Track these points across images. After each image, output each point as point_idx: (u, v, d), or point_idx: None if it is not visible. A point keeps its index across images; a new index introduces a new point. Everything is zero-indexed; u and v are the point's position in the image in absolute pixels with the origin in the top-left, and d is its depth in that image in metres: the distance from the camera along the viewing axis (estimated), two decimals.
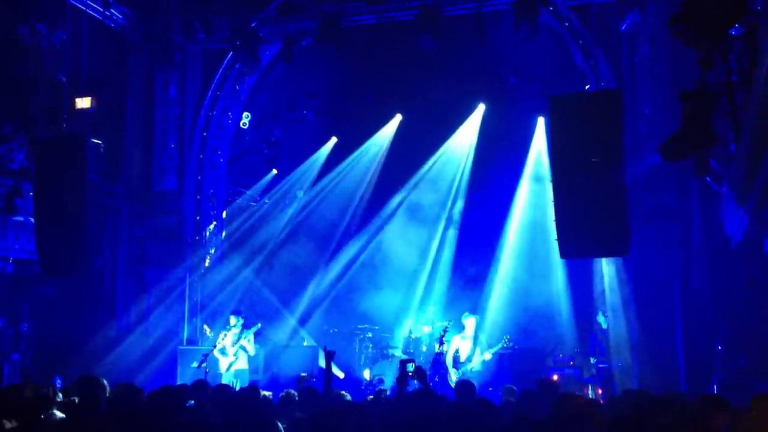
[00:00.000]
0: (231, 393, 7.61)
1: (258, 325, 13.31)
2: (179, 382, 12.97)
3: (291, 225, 18.14)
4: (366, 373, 15.32)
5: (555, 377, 13.20)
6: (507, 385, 8.98)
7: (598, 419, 5.21)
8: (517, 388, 8.63)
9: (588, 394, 13.09)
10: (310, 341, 16.26)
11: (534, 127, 16.07)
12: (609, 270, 13.03)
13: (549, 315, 15.54)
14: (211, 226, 16.06)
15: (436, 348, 13.40)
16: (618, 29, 12.55)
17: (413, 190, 17.78)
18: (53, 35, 14.38)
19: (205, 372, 11.90)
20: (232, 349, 12.85)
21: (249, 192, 18.04)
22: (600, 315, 13.44)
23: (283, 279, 17.47)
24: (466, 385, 7.35)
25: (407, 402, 6.16)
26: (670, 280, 12.48)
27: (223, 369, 12.77)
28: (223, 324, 13.94)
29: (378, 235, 17.81)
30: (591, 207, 9.97)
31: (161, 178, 15.61)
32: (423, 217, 17.64)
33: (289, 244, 17.77)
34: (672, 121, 9.42)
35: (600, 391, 12.90)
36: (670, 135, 8.51)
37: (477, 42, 13.14)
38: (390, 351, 15.59)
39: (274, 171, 18.29)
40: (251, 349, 13.04)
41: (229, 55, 15.27)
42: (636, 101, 12.84)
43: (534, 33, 12.71)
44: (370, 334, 15.85)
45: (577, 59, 13.55)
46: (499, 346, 13.27)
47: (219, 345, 12.88)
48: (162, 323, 14.94)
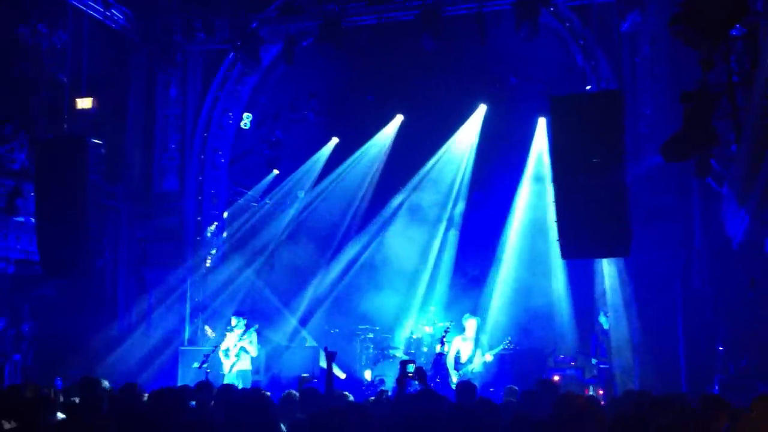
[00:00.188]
0: (233, 393, 7.60)
1: (255, 326, 13.30)
2: (180, 382, 12.96)
3: (292, 225, 18.14)
4: (367, 374, 15.32)
5: (556, 378, 13.20)
6: (509, 386, 8.97)
7: (598, 419, 5.21)
8: (519, 388, 8.63)
9: (589, 394, 13.08)
10: (311, 342, 16.26)
11: (535, 128, 16.06)
12: (610, 270, 13.02)
13: (550, 315, 15.53)
14: (212, 226, 16.05)
15: (437, 349, 13.41)
16: (619, 29, 12.55)
17: (414, 190, 17.78)
18: (54, 35, 14.38)
19: (206, 373, 11.90)
20: (233, 350, 12.85)
21: (250, 192, 18.03)
22: (602, 315, 13.42)
23: (284, 279, 17.47)
24: (467, 386, 7.35)
25: (408, 402, 6.15)
26: (671, 280, 12.46)
27: (226, 370, 12.77)
28: (225, 325, 13.94)
29: (379, 236, 17.81)
30: (592, 207, 9.97)
31: (162, 178, 15.61)
32: (424, 218, 17.64)
33: (290, 244, 17.77)
34: (673, 122, 9.41)
35: (601, 392, 12.88)
36: (671, 135, 8.50)
37: (478, 42, 13.12)
38: (391, 351, 15.59)
39: (275, 171, 18.29)
40: (252, 350, 13.01)
41: (230, 56, 15.26)
42: (637, 101, 12.82)
43: (535, 33, 12.69)
44: (371, 334, 15.84)
45: (578, 59, 13.54)
46: (500, 347, 13.27)
47: (223, 346, 12.89)
48: (163, 324, 14.95)
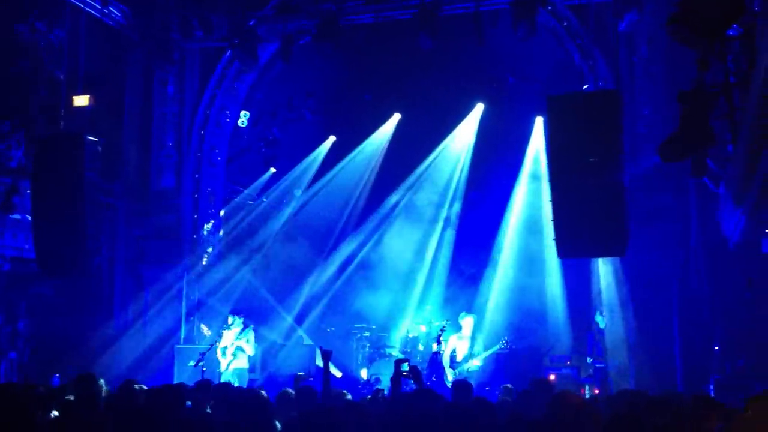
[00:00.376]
0: (230, 392, 7.60)
1: (251, 326, 13.29)
2: (176, 380, 12.95)
3: (289, 224, 18.14)
4: (363, 373, 15.32)
5: (552, 377, 13.21)
6: (505, 385, 8.97)
7: (593, 419, 5.20)
8: (515, 387, 8.64)
9: (585, 393, 13.09)
10: (307, 340, 16.26)
11: (532, 127, 16.08)
12: (606, 270, 13.03)
13: (546, 315, 15.55)
14: (209, 224, 16.04)
15: (433, 347, 13.41)
16: (616, 29, 12.54)
17: (411, 189, 17.78)
18: (52, 33, 14.35)
19: (202, 371, 11.90)
20: (231, 349, 12.85)
21: (247, 191, 18.03)
22: (598, 315, 13.44)
23: (281, 278, 17.46)
24: (463, 385, 7.34)
25: (404, 401, 6.15)
26: (667, 280, 12.47)
27: (223, 368, 12.76)
28: (221, 323, 13.93)
29: (375, 234, 17.81)
30: (589, 207, 9.96)
31: (159, 176, 15.59)
32: (420, 217, 17.64)
33: (287, 243, 17.76)
34: (670, 122, 9.43)
35: (597, 391, 12.89)
36: (668, 135, 8.50)
37: (475, 41, 13.10)
38: (387, 350, 15.59)
39: (272, 170, 18.29)
40: (249, 349, 13.01)
41: (227, 54, 15.24)
42: (634, 101, 12.83)
43: (532, 32, 12.68)
44: (367, 333, 15.84)
45: (576, 59, 13.55)
46: (494, 349, 13.27)
47: (221, 344, 12.89)
48: (159, 322, 14.93)
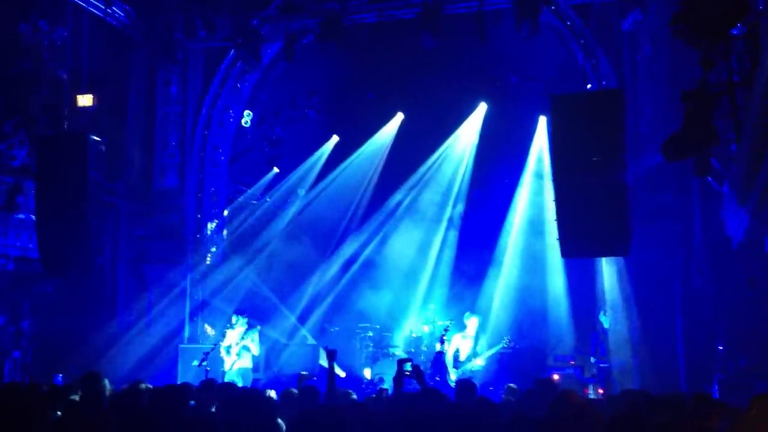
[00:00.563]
0: (234, 391, 7.60)
1: (258, 327, 13.30)
2: (180, 380, 12.97)
3: (292, 224, 18.14)
4: (367, 372, 15.32)
5: (556, 376, 13.21)
6: (509, 385, 8.96)
7: (595, 419, 5.20)
8: (518, 387, 8.63)
9: (589, 393, 13.09)
10: (311, 340, 16.27)
11: (535, 126, 16.07)
12: (610, 269, 13.02)
13: (549, 314, 15.53)
14: (212, 224, 16.05)
15: (436, 347, 13.40)
16: (619, 28, 12.52)
17: (414, 188, 17.77)
18: (55, 32, 14.35)
19: (206, 370, 11.91)
20: (235, 348, 12.86)
21: (250, 190, 18.03)
22: (602, 314, 13.43)
23: (284, 277, 17.46)
24: (467, 385, 7.35)
25: (407, 401, 6.15)
26: (670, 279, 12.46)
27: (227, 368, 12.77)
28: (225, 323, 13.94)
29: (379, 234, 17.80)
30: (592, 206, 9.96)
31: (162, 175, 15.62)
32: (424, 216, 17.63)
33: (290, 242, 17.75)
34: (673, 121, 9.39)
35: (601, 391, 12.89)
36: (671, 134, 8.49)
37: (478, 41, 13.10)
38: (391, 350, 15.59)
39: (275, 169, 18.29)
40: (254, 349, 13.04)
41: (231, 53, 15.27)
42: (637, 100, 12.82)
43: (535, 32, 12.67)
44: (370, 333, 15.83)
45: (579, 58, 13.54)
46: (497, 348, 13.26)
47: (225, 343, 12.89)
48: (163, 321, 14.95)
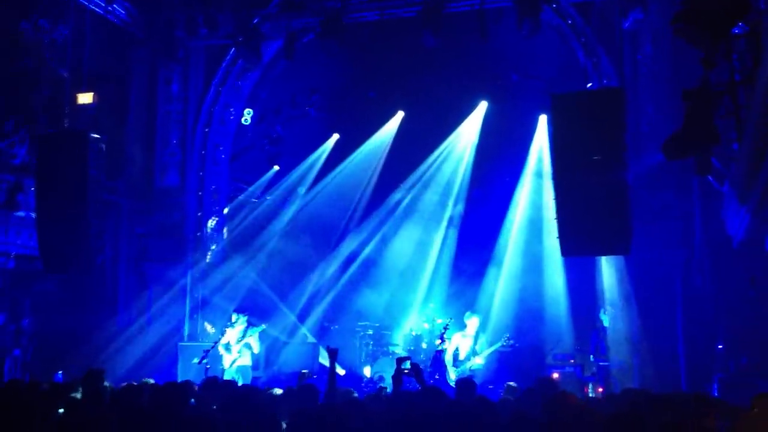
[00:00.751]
0: (235, 389, 7.60)
1: (263, 326, 13.30)
2: (180, 378, 12.97)
3: (292, 222, 18.13)
4: (366, 371, 15.33)
5: (555, 375, 13.20)
6: (509, 384, 8.95)
7: (591, 418, 5.20)
8: (518, 385, 8.62)
9: (588, 392, 13.08)
10: (311, 338, 16.27)
11: (536, 125, 16.04)
12: (610, 268, 13.02)
13: (549, 313, 15.51)
14: (212, 222, 16.05)
15: (436, 345, 13.40)
16: (620, 27, 12.53)
17: (414, 187, 17.76)
18: (56, 30, 14.35)
19: (206, 368, 11.91)
20: (236, 346, 12.84)
21: (251, 188, 18.03)
22: (603, 313, 13.43)
23: (284, 276, 17.45)
24: (467, 383, 7.35)
25: (406, 399, 6.15)
26: (671, 278, 12.46)
27: (227, 365, 12.77)
28: (225, 321, 13.94)
29: (379, 233, 17.80)
30: (592, 205, 9.96)
31: (163, 174, 15.62)
32: (424, 214, 17.62)
33: (290, 241, 17.75)
34: (674, 120, 9.40)
35: (601, 390, 12.88)
36: (672, 133, 8.49)
37: (479, 39, 13.09)
38: (390, 348, 15.59)
39: (275, 167, 18.28)
40: (256, 347, 13.04)
41: (232, 51, 15.25)
42: (638, 99, 12.82)
43: (536, 30, 12.67)
44: (370, 331, 15.83)
45: (580, 57, 13.52)
46: (497, 346, 13.25)
47: (224, 341, 12.88)
48: (163, 319, 14.96)
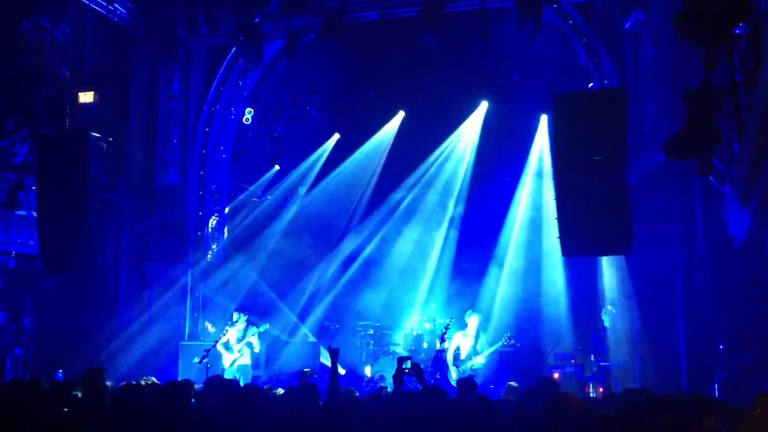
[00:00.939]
0: (237, 388, 7.60)
1: (266, 326, 13.29)
2: (181, 377, 12.98)
3: (293, 221, 18.13)
4: (367, 370, 15.33)
5: (556, 375, 13.20)
6: (510, 384, 8.95)
7: (590, 419, 5.20)
8: (518, 385, 8.63)
9: (589, 392, 13.08)
10: (311, 338, 16.27)
11: (537, 125, 16.05)
12: (611, 268, 13.02)
13: (550, 313, 15.51)
14: (213, 221, 16.05)
15: (437, 345, 13.39)
16: (622, 27, 12.53)
17: (415, 187, 17.76)
18: (57, 29, 14.35)
19: (207, 367, 11.91)
20: (237, 346, 12.84)
21: (251, 188, 18.03)
22: (604, 313, 13.42)
23: (284, 275, 17.45)
24: (468, 383, 7.36)
25: (407, 399, 6.16)
26: (672, 279, 12.47)
27: (227, 364, 12.77)
28: (225, 320, 13.94)
29: (379, 232, 17.80)
30: (594, 205, 9.96)
31: (164, 173, 15.61)
32: (425, 214, 17.62)
33: (291, 240, 17.74)
34: (675, 120, 9.40)
35: (601, 390, 12.88)
36: (673, 134, 8.49)
37: (480, 39, 13.08)
38: (391, 348, 15.60)
39: (276, 167, 18.28)
40: (257, 346, 13.04)
41: (233, 51, 15.25)
42: (639, 100, 12.83)
43: (537, 30, 12.66)
44: (371, 330, 15.83)
45: (581, 57, 13.52)
46: (497, 346, 13.25)
47: (222, 339, 12.88)
48: (164, 318, 14.96)
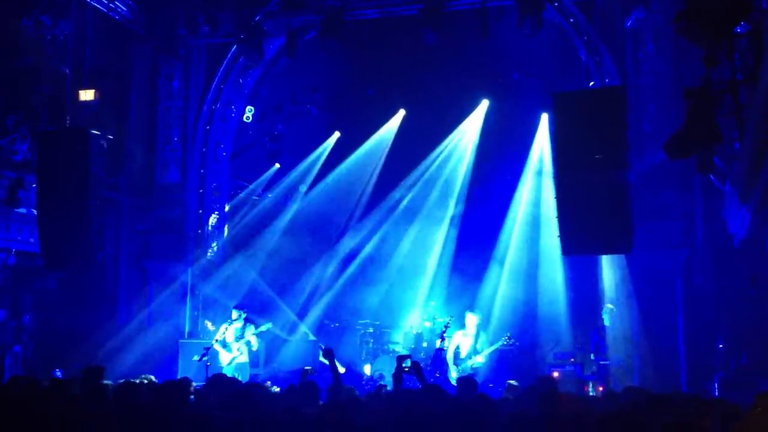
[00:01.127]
0: (237, 386, 7.59)
1: (269, 324, 13.28)
2: (180, 375, 12.97)
3: (293, 220, 18.13)
4: (367, 369, 15.32)
5: (555, 374, 13.20)
6: (510, 382, 8.96)
7: (589, 417, 5.20)
8: (518, 384, 8.63)
9: (588, 391, 13.08)
10: (311, 336, 16.26)
11: (537, 124, 16.03)
12: (611, 267, 13.02)
13: (550, 311, 15.50)
14: (213, 219, 16.05)
15: (436, 344, 13.39)
16: (622, 26, 12.52)
17: (415, 185, 17.75)
18: (57, 27, 14.35)
19: (206, 365, 11.90)
20: (236, 344, 12.82)
21: (251, 186, 18.03)
22: (605, 311, 13.42)
23: (284, 273, 17.45)
24: (468, 382, 7.37)
25: (406, 397, 6.16)
26: (672, 277, 12.47)
27: (225, 362, 12.76)
28: (225, 318, 13.94)
29: (379, 231, 17.79)
30: (594, 204, 9.96)
31: (164, 171, 15.61)
32: (425, 213, 17.61)
33: (291, 238, 17.74)
34: (676, 119, 9.40)
35: (601, 388, 12.88)
36: (673, 132, 8.49)
37: (480, 37, 13.07)
38: (391, 346, 15.59)
39: (276, 165, 18.27)
40: (255, 344, 13.03)
41: (233, 49, 15.24)
42: (640, 98, 12.81)
43: (538, 29, 12.65)
44: (371, 329, 15.81)
45: (581, 55, 13.50)
46: (497, 345, 13.24)
47: (219, 337, 12.85)
48: (163, 316, 14.97)
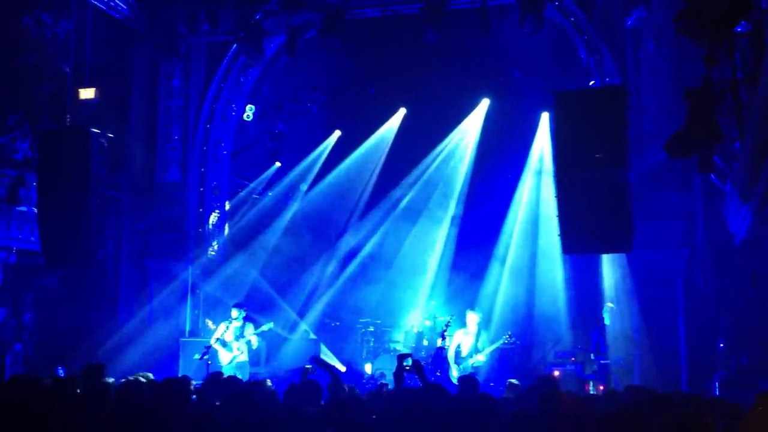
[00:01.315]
0: (237, 385, 7.60)
1: (270, 324, 13.28)
2: (181, 373, 12.97)
3: (294, 218, 18.13)
4: (367, 368, 15.34)
5: (556, 373, 13.20)
6: (511, 381, 8.96)
7: (589, 416, 5.20)
8: (519, 383, 8.63)
9: (589, 390, 13.09)
10: (311, 335, 16.28)
11: (538, 123, 16.04)
12: (612, 266, 13.01)
13: (550, 310, 15.51)
14: (214, 218, 16.06)
15: (437, 343, 13.40)
16: (623, 25, 12.52)
17: (416, 184, 17.76)
18: (58, 25, 14.35)
19: (207, 364, 11.91)
20: (236, 344, 12.81)
21: (252, 184, 18.03)
22: (605, 311, 13.42)
23: (285, 272, 17.47)
24: (469, 381, 7.37)
25: (407, 396, 6.16)
26: (673, 277, 12.47)
27: (225, 361, 12.75)
28: (225, 316, 13.93)
29: (380, 229, 17.80)
30: (594, 203, 9.96)
31: (164, 169, 15.60)
32: (426, 212, 17.62)
33: (291, 237, 17.75)
34: (676, 118, 9.40)
35: (601, 388, 12.89)
36: (674, 132, 8.49)
37: (481, 36, 13.06)
38: (392, 345, 15.61)
39: (277, 164, 18.28)
40: (255, 342, 13.04)
41: (234, 47, 15.22)
42: (640, 97, 12.80)
43: (539, 28, 12.65)
44: (371, 328, 15.83)
45: (582, 55, 13.50)
46: (498, 344, 13.25)
47: (218, 335, 12.85)
48: (164, 315, 14.96)
